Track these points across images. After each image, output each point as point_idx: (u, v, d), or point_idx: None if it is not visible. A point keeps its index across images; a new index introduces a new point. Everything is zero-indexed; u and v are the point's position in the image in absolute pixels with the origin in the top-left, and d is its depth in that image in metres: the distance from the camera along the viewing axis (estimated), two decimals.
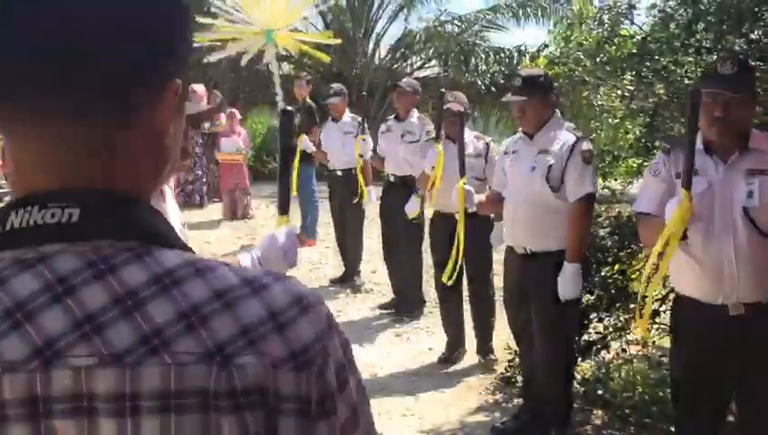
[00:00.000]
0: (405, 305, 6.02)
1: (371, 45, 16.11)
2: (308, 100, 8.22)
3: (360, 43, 15.43)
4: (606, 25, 3.75)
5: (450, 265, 4.11)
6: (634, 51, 3.60)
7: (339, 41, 9.27)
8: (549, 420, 3.80)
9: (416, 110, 6.05)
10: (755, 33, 3.60)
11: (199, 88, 10.16)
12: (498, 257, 4.56)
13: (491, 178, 4.28)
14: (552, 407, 3.80)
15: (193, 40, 0.79)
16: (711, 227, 2.64)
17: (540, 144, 3.57)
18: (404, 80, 6.59)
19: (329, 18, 15.78)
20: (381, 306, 6.17)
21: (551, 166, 3.52)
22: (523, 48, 14.88)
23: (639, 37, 3.69)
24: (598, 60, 3.72)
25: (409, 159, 5.64)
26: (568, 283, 3.53)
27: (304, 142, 6.97)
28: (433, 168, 4.56)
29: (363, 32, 15.68)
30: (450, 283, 4.23)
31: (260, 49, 8.62)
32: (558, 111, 3.64)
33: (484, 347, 4.97)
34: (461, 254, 4.08)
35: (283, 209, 2.05)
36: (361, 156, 6.43)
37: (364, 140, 6.14)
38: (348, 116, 7.00)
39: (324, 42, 9.18)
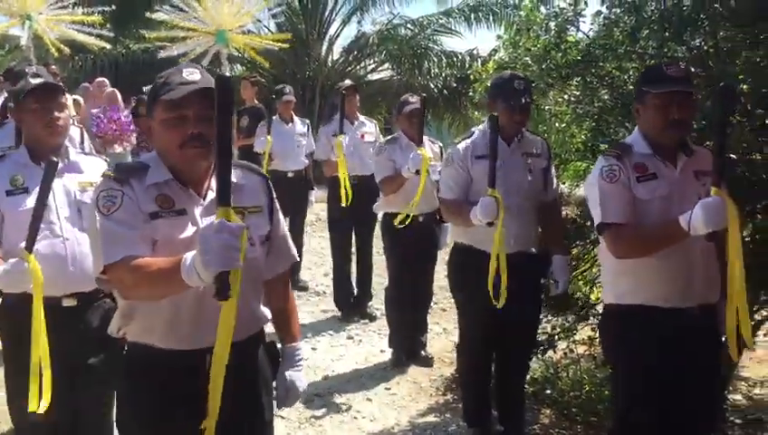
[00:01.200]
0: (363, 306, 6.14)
1: (324, 48, 16.07)
2: (255, 101, 8.20)
3: (313, 45, 15.38)
4: (552, 32, 3.83)
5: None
6: (579, 57, 3.68)
7: (287, 42, 9.25)
8: (520, 422, 3.87)
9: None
10: (696, 40, 3.70)
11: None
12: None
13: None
14: (520, 407, 3.89)
15: None
16: None
17: (523, 147, 3.64)
18: (348, 82, 6.62)
19: (282, 20, 15.68)
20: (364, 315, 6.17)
21: (543, 168, 3.68)
22: (475, 52, 15.04)
23: (585, 44, 3.77)
24: (545, 65, 3.79)
25: (368, 160, 5.66)
26: (564, 275, 3.65)
27: (259, 142, 6.88)
28: (417, 171, 4.51)
29: (316, 34, 15.64)
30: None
31: (208, 49, 8.51)
32: None
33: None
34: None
35: (223, 199, 1.77)
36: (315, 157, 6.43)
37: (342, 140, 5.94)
38: (297, 118, 7.08)
39: (278, 44, 9.19)
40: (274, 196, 2.24)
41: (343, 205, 5.59)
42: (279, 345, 2.32)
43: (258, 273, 2.15)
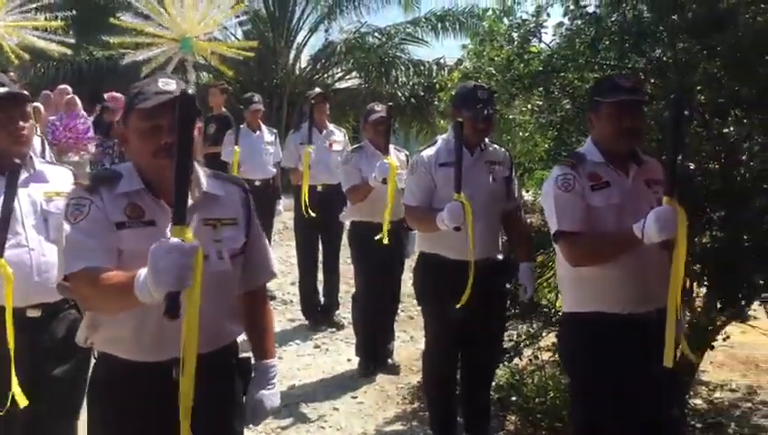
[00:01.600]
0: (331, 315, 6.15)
1: (292, 56, 16.05)
2: (223, 109, 8.17)
3: (280, 53, 15.35)
4: (515, 42, 3.88)
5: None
6: (541, 68, 3.73)
7: (253, 50, 9.20)
8: (486, 429, 3.90)
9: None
10: (656, 52, 3.78)
11: (118, 96, 9.87)
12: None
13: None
14: (486, 414, 3.93)
15: None
16: None
17: (486, 156, 3.68)
18: (318, 90, 6.65)
19: (249, 27, 15.63)
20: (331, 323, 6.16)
21: (506, 176, 3.72)
22: (442, 61, 15.14)
23: (547, 55, 3.83)
24: (508, 75, 3.84)
25: (335, 169, 5.66)
26: (530, 282, 3.70)
27: (227, 151, 6.85)
28: (384, 180, 4.52)
29: (284, 42, 15.61)
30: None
31: (172, 56, 8.45)
32: None
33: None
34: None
35: (178, 217, 1.74)
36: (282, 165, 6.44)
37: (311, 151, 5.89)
38: (264, 127, 7.08)
39: (243, 52, 9.15)
40: (253, 208, 2.23)
41: (310, 215, 5.59)
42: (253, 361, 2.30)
43: (228, 286, 2.13)
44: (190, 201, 1.81)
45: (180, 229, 1.73)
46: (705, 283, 3.88)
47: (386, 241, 4.53)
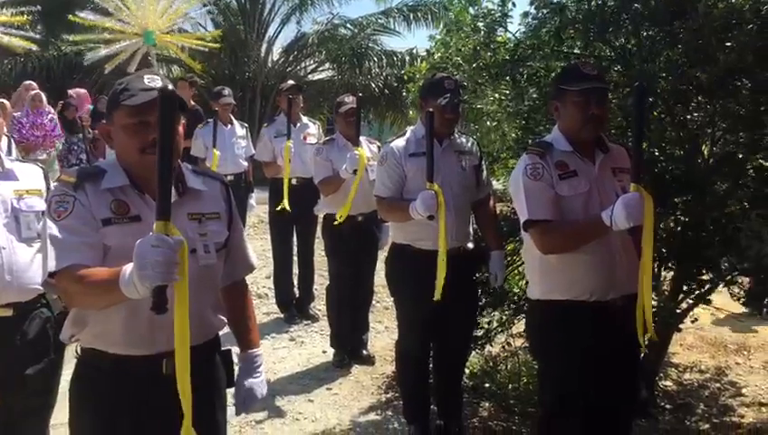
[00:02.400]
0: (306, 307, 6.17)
1: (264, 48, 15.97)
2: (192, 102, 8.11)
3: (252, 45, 15.26)
4: (482, 32, 3.89)
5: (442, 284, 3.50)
6: (507, 57, 3.76)
7: (219, 41, 9.16)
8: (459, 415, 3.94)
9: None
10: (619, 40, 3.82)
11: (81, 92, 9.78)
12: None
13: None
14: (459, 401, 3.98)
15: None
16: None
17: (455, 146, 3.71)
18: (291, 82, 6.63)
19: (219, 20, 15.51)
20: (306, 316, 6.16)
21: (475, 165, 3.75)
22: (414, 51, 15.16)
23: (513, 44, 3.85)
24: (475, 65, 3.86)
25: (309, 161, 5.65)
26: (501, 269, 3.75)
27: (196, 145, 6.80)
28: (355, 171, 4.53)
29: (255, 35, 15.52)
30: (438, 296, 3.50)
31: (136, 51, 8.38)
32: None
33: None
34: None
35: (162, 212, 1.74)
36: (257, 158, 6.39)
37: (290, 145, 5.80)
38: (236, 121, 7.04)
39: (209, 43, 9.08)
40: (233, 202, 2.26)
41: (285, 209, 5.58)
42: (237, 351, 2.32)
43: (213, 279, 2.15)
44: (175, 196, 1.83)
45: (164, 224, 1.74)
46: (672, 266, 3.95)
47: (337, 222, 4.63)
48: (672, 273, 4.03)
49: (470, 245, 3.79)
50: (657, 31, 3.64)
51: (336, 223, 4.67)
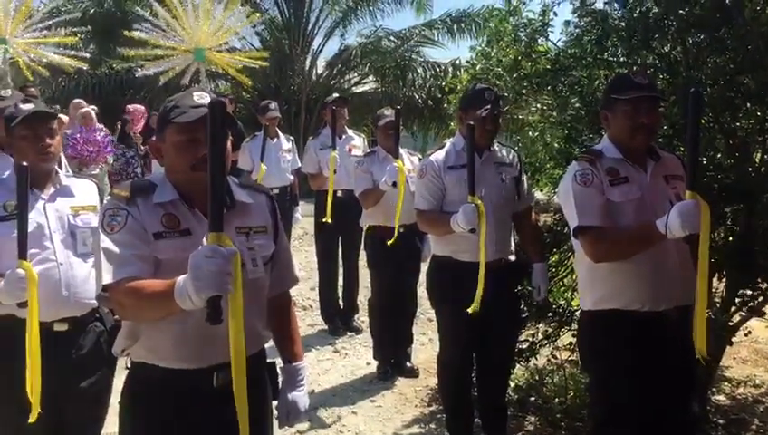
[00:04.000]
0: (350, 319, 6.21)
1: (308, 62, 16.15)
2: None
3: (297, 59, 15.45)
4: (522, 42, 3.87)
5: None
6: (549, 66, 3.72)
7: (265, 59, 9.23)
8: (503, 429, 3.90)
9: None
10: (664, 47, 3.76)
11: (138, 108, 10.02)
12: None
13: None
14: (503, 415, 3.94)
15: None
16: None
17: (495, 157, 3.70)
18: (336, 95, 6.69)
19: (265, 35, 15.75)
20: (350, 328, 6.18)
21: (515, 177, 3.74)
22: (457, 62, 15.15)
23: (554, 53, 3.81)
24: (516, 75, 3.83)
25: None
26: (544, 282, 3.71)
27: (243, 159, 6.90)
28: (395, 183, 4.54)
29: (300, 48, 15.71)
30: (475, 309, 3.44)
31: (187, 67, 8.51)
32: None
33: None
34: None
35: (215, 224, 1.76)
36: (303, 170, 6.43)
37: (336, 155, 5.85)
38: (282, 134, 7.12)
39: (255, 61, 9.22)
40: (279, 215, 2.28)
41: (327, 221, 5.62)
42: (281, 364, 2.33)
43: (261, 292, 2.17)
44: (224, 209, 1.84)
45: (217, 236, 1.75)
46: (723, 277, 3.85)
47: (391, 241, 4.59)
48: (724, 284, 3.92)
49: (512, 257, 3.76)
50: (703, 37, 3.57)
51: (390, 243, 4.65)
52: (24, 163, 2.63)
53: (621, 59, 3.77)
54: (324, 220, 5.68)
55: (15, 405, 2.66)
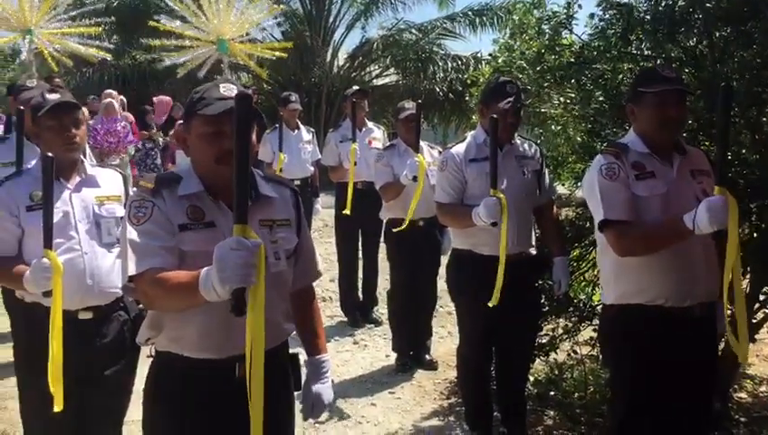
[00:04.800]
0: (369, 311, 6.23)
1: (329, 54, 16.14)
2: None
3: (318, 51, 15.45)
4: (546, 35, 3.84)
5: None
6: (573, 60, 3.69)
7: (287, 51, 9.23)
8: (522, 423, 3.89)
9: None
10: (690, 40, 3.72)
11: (164, 99, 10.09)
12: None
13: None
14: (522, 409, 3.92)
15: None
16: None
17: (516, 151, 3.69)
18: (356, 87, 6.69)
19: (286, 27, 15.77)
20: (370, 320, 6.21)
21: (536, 170, 3.72)
22: (479, 55, 15.08)
23: (578, 46, 3.79)
24: (539, 68, 3.81)
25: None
26: (565, 276, 3.69)
27: (265, 151, 6.93)
28: (415, 177, 4.55)
29: (321, 40, 15.71)
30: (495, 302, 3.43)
31: (208, 57, 8.54)
32: None
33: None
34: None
35: (240, 216, 1.78)
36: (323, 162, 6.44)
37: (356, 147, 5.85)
38: (302, 126, 7.13)
39: (277, 53, 9.25)
40: (302, 209, 2.29)
41: (346, 213, 5.64)
42: (304, 357, 2.34)
43: (284, 285, 2.19)
44: (248, 202, 1.84)
45: (242, 228, 1.77)
46: (747, 274, 3.81)
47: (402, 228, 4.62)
48: (748, 280, 3.89)
49: (533, 251, 3.75)
50: (729, 31, 3.52)
51: (396, 229, 4.68)
52: (50, 154, 2.67)
53: (646, 52, 3.74)
54: (344, 212, 5.70)
55: (41, 392, 2.70)
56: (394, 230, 4.69)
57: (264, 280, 1.79)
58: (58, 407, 2.64)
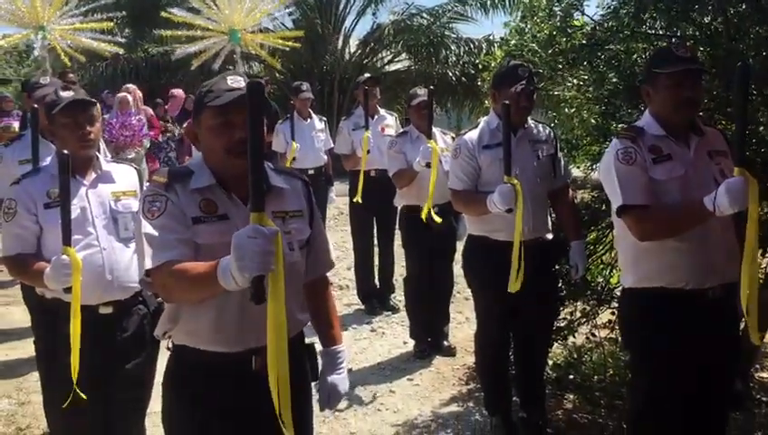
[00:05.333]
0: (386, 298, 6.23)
1: (341, 41, 16.09)
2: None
3: (329, 39, 15.40)
4: (557, 17, 3.80)
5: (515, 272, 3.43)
6: (584, 41, 3.65)
7: (298, 40, 9.28)
8: (542, 407, 3.89)
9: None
10: (704, 18, 3.66)
11: (176, 92, 10.11)
12: None
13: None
14: (542, 393, 3.93)
15: None
16: None
17: (529, 135, 3.67)
18: (368, 75, 6.67)
19: (297, 16, 15.73)
20: (387, 307, 6.20)
21: (551, 154, 3.71)
22: (491, 38, 14.95)
23: (590, 27, 3.74)
24: (551, 51, 3.77)
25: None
26: (582, 260, 3.66)
27: (278, 141, 6.94)
28: (428, 164, 4.53)
29: (332, 28, 15.66)
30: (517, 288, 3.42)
31: (221, 48, 8.57)
32: None
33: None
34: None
35: (257, 204, 1.78)
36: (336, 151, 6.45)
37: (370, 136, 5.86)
38: (314, 115, 7.13)
39: (289, 43, 9.28)
40: (314, 200, 2.29)
41: (357, 201, 5.64)
42: (319, 347, 2.35)
43: (298, 276, 2.19)
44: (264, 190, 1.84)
45: (259, 216, 1.77)
46: (766, 254, 3.77)
47: (438, 220, 4.57)
48: (767, 261, 3.85)
49: (549, 235, 3.73)
50: (744, 7, 3.46)
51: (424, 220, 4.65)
52: (65, 151, 2.69)
53: (660, 32, 3.69)
54: (355, 200, 5.71)
55: (63, 387, 2.74)
56: (422, 216, 4.63)
57: (282, 267, 1.79)
58: (80, 400, 2.68)
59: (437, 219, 4.60)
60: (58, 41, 8.55)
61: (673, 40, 3.57)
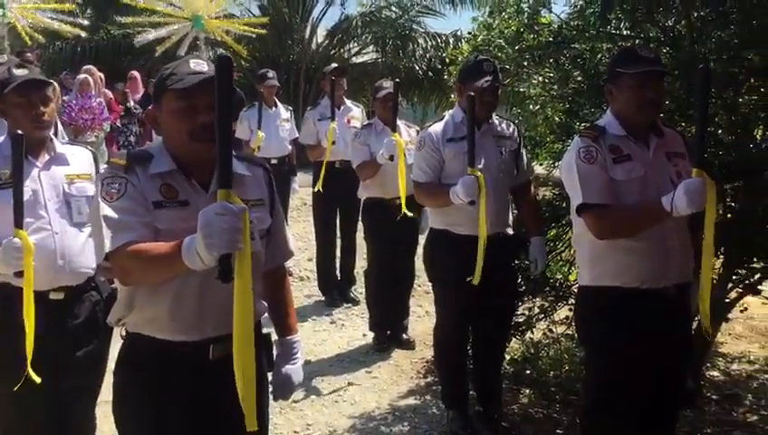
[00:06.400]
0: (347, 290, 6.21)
1: (308, 31, 15.95)
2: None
3: (296, 28, 15.26)
4: (525, 14, 3.82)
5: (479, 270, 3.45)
6: (551, 39, 3.68)
7: (264, 27, 9.20)
8: (498, 401, 3.91)
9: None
10: (668, 20, 3.71)
11: (137, 74, 9.92)
12: None
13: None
14: (499, 387, 3.96)
15: None
16: None
17: (493, 130, 3.67)
18: (335, 65, 6.63)
19: (264, 3, 15.55)
20: (347, 299, 6.18)
21: (514, 150, 3.72)
22: (459, 33, 14.98)
23: (557, 26, 3.77)
24: (518, 47, 3.79)
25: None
26: (542, 256, 3.68)
27: (241, 128, 6.86)
28: (392, 157, 4.51)
29: (300, 17, 15.51)
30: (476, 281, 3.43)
31: (185, 35, 8.47)
32: None
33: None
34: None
35: (223, 182, 1.74)
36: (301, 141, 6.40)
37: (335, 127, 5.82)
38: (280, 104, 7.06)
39: (255, 29, 9.19)
40: (275, 189, 2.25)
41: (318, 190, 5.62)
42: (275, 337, 2.32)
43: (258, 266, 2.12)
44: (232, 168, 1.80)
45: (226, 193, 1.73)
46: (721, 254, 3.84)
47: (409, 214, 4.57)
48: (721, 261, 3.92)
49: (509, 230, 3.75)
50: (708, 11, 3.52)
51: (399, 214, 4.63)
52: (20, 132, 2.61)
53: (625, 32, 3.74)
54: (316, 189, 5.68)
55: (12, 373, 2.67)
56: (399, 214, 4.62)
57: (249, 245, 1.75)
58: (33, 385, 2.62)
59: (409, 214, 4.58)
60: (18, 19, 8.33)
61: (637, 41, 3.62)
